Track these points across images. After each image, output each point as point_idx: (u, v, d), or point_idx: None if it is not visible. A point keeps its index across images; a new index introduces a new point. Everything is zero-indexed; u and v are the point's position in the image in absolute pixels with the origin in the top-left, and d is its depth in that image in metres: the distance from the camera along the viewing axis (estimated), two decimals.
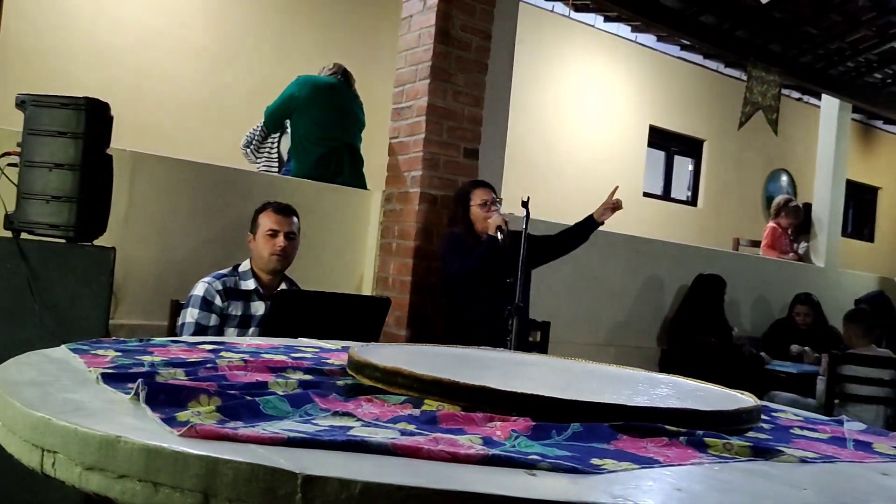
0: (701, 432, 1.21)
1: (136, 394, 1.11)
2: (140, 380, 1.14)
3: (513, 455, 0.99)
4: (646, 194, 8.33)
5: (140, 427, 0.97)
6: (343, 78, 4.34)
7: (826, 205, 6.72)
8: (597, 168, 7.79)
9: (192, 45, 6.00)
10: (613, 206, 3.61)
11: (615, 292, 5.21)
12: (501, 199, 3.73)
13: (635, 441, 1.16)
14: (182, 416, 1.01)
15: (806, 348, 5.46)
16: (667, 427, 1.21)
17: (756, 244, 7.02)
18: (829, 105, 6.71)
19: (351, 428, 1.07)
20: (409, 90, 3.96)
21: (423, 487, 0.83)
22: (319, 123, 4.19)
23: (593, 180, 7.49)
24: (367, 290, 4.09)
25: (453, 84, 3.90)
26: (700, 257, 5.74)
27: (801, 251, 6.66)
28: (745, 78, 5.83)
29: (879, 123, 9.31)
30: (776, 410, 1.70)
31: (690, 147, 8.76)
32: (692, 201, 8.82)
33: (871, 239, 10.52)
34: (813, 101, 7.76)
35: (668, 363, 5.25)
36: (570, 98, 7.77)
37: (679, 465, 1.07)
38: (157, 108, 5.79)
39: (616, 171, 7.93)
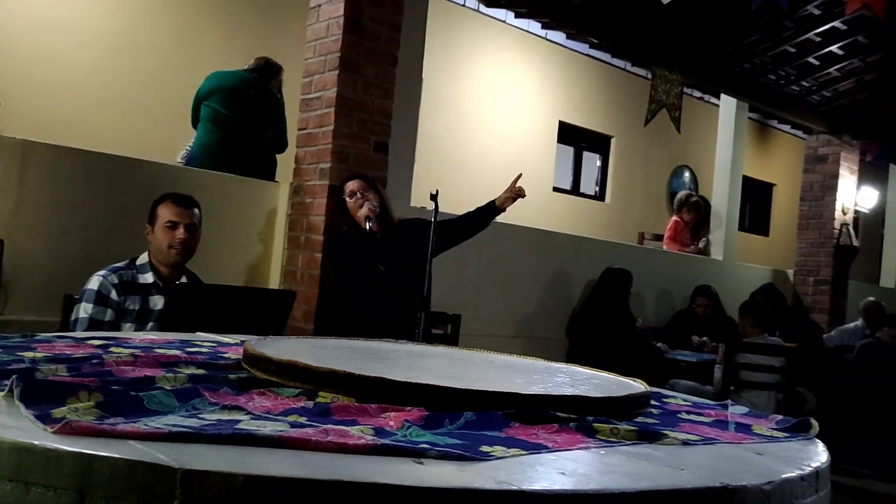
0: (591, 418, 1.24)
1: (11, 390, 1.06)
2: (14, 376, 1.09)
3: (402, 444, 0.99)
4: (556, 189, 8.49)
5: (12, 425, 0.92)
6: (258, 72, 4.31)
7: (724, 200, 7.01)
8: (508, 163, 7.88)
9: (91, 31, 5.75)
10: (516, 193, 3.64)
11: (525, 285, 5.29)
12: (378, 188, 3.63)
13: (527, 428, 1.19)
14: (58, 412, 0.97)
15: (704, 338, 5.68)
16: (558, 414, 1.24)
17: (660, 238, 7.28)
18: (728, 104, 7.00)
19: (239, 422, 1.05)
20: (318, 81, 3.91)
21: (307, 479, 0.82)
22: (219, 114, 4.13)
23: (505, 175, 7.50)
24: (274, 284, 4.02)
25: (363, 76, 3.87)
26: (607, 251, 5.90)
27: (701, 245, 6.93)
28: (650, 76, 6.01)
29: (775, 123, 9.72)
30: (667, 396, 1.77)
31: (599, 143, 8.98)
32: (600, 196, 9.04)
33: (766, 233, 11.03)
34: (713, 100, 8.06)
35: (576, 354, 5.38)
36: (481, 93, 7.84)
37: (567, 450, 1.09)
38: (54, 95, 5.52)
39: (527, 166, 8.01)
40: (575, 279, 5.64)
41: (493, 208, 3.70)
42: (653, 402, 1.63)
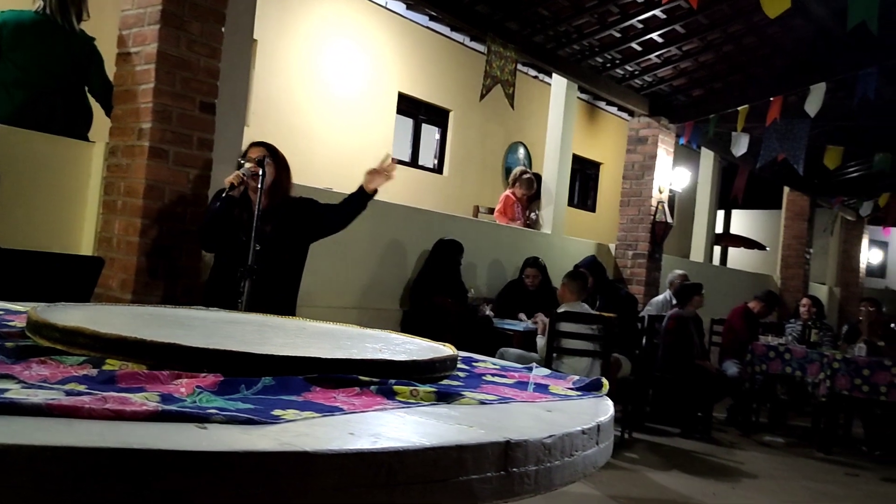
0: (392, 381, 1.26)
1: None
2: None
3: (187, 410, 0.96)
4: (394, 160, 8.49)
5: None
6: (52, 12, 3.80)
7: (554, 177, 7.32)
8: (347, 132, 7.81)
9: None
10: (382, 172, 3.60)
11: (361, 256, 5.29)
12: (280, 160, 3.55)
13: (327, 392, 1.18)
14: None
15: (520, 315, 5.93)
16: (359, 378, 1.24)
17: (493, 211, 7.48)
18: (559, 84, 7.29)
19: (7, 391, 0.97)
20: (137, 35, 3.66)
21: (71, 447, 0.77)
22: (20, 65, 3.70)
23: (343, 144, 7.52)
24: (87, 251, 3.76)
25: (187, 32, 3.67)
26: (442, 223, 6.00)
27: (532, 216, 7.20)
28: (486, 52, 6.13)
29: (603, 104, 10.27)
30: (478, 361, 1.83)
31: (438, 116, 9.09)
32: (438, 169, 9.17)
33: (593, 209, 11.67)
34: (547, 79, 8.36)
35: (409, 324, 5.45)
36: (319, 59, 7.68)
37: (362, 411, 1.10)
38: None
39: (366, 136, 8.02)
40: (410, 250, 5.70)
41: (363, 194, 3.62)
42: (463, 366, 1.68)
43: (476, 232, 6.38)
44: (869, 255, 15.28)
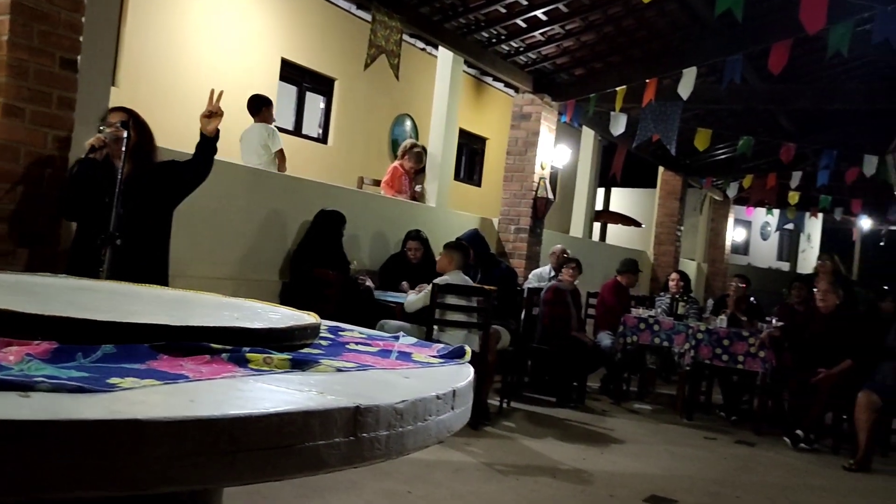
0: (246, 349, 1.22)
1: None
2: None
3: (11, 378, 0.90)
4: (277, 129, 8.27)
5: None
6: None
7: (439, 150, 7.34)
8: (225, 98, 7.50)
9: None
10: (210, 111, 3.51)
11: (238, 226, 5.14)
12: (141, 125, 3.41)
13: (174, 360, 1.14)
14: None
15: (403, 285, 5.96)
16: (211, 345, 1.20)
17: (378, 183, 7.44)
18: (445, 57, 7.29)
19: None
20: None
21: None
22: None
23: (224, 108, 7.22)
24: None
25: None
26: (324, 193, 5.91)
27: (417, 189, 7.22)
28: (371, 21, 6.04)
29: (490, 80, 10.33)
30: (344, 330, 1.81)
31: (322, 84, 8.91)
32: (323, 139, 9.01)
33: (479, 184, 11.80)
34: (434, 51, 8.34)
35: (289, 295, 5.36)
36: (197, 19, 7.35)
37: (209, 379, 1.07)
38: None
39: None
40: (291, 221, 5.58)
41: (204, 139, 3.53)
42: (328, 335, 1.66)
43: (360, 203, 6.33)
44: (734, 234, 16.22)
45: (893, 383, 5.54)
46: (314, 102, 9.00)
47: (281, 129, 8.37)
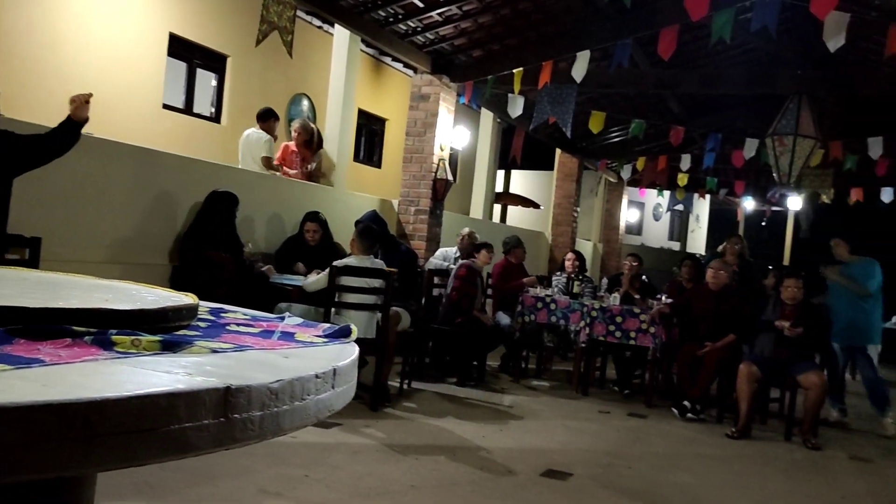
0: (113, 331, 1.16)
1: None
2: None
3: None
4: (166, 107, 7.96)
5: None
6: None
7: (337, 130, 7.23)
8: (109, 73, 7.16)
9: None
10: (83, 99, 3.35)
11: (121, 207, 4.91)
12: None
13: (31, 344, 1.06)
14: None
15: (298, 266, 5.87)
16: (73, 328, 1.13)
17: (268, 162, 7.19)
18: (342, 35, 7.16)
19: None
20: None
21: None
22: None
23: (105, 85, 6.87)
24: None
25: None
26: (217, 174, 5.72)
27: (310, 167, 7.10)
28: None
29: (389, 60, 10.26)
30: (227, 311, 1.75)
31: (214, 61, 8.59)
32: (216, 118, 8.71)
33: (379, 165, 11.71)
34: (330, 29, 8.18)
35: (179, 279, 5.17)
36: None
37: (68, 363, 1.00)
38: None
39: (132, 80, 7.41)
40: (181, 202, 5.38)
41: (70, 123, 3.37)
42: (208, 316, 1.60)
43: (255, 184, 6.16)
44: (628, 215, 16.76)
45: (772, 355, 5.86)
46: (206, 80, 8.67)
47: (171, 108, 8.09)
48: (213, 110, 8.73)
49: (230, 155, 7.50)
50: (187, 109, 8.39)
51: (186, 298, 1.52)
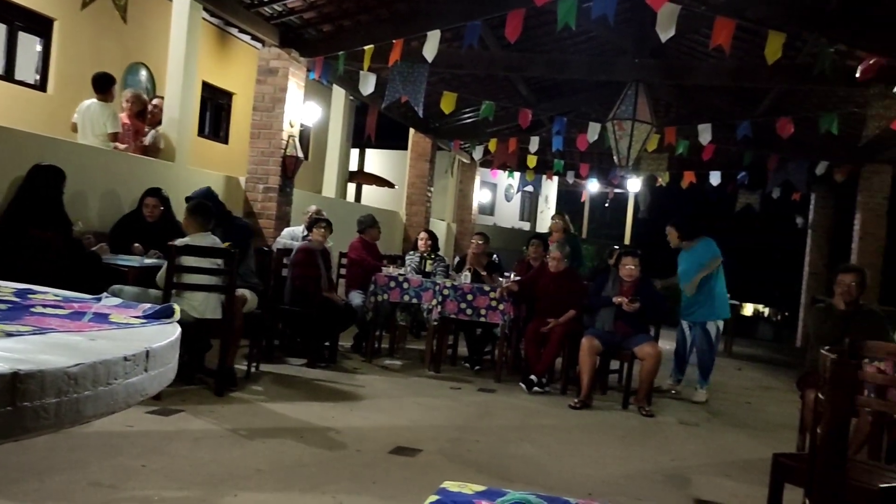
0: None
1: None
2: None
3: None
4: None
5: None
6: None
7: (178, 103, 6.85)
8: None
9: None
10: None
11: None
12: None
13: None
14: None
15: (135, 246, 5.56)
16: None
17: (114, 137, 6.71)
18: (181, 3, 6.76)
19: None
20: None
21: None
22: None
23: None
24: None
25: None
26: (42, 147, 5.28)
27: (147, 141, 6.71)
28: None
29: (236, 31, 9.83)
30: (36, 293, 1.60)
31: (38, 24, 7.88)
32: (41, 86, 8.02)
33: (225, 141, 11.24)
34: None
35: (1, 260, 4.73)
36: None
37: None
38: None
39: None
40: (0, 177, 4.92)
41: None
42: (13, 298, 1.45)
43: (87, 158, 5.74)
44: (480, 195, 17.11)
45: (611, 329, 6.17)
46: (29, 44, 7.96)
47: None
48: (38, 77, 8.03)
49: (59, 126, 6.94)
50: (8, 76, 7.66)
51: None
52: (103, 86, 6.46)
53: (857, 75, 6.59)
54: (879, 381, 3.42)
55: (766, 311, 37.71)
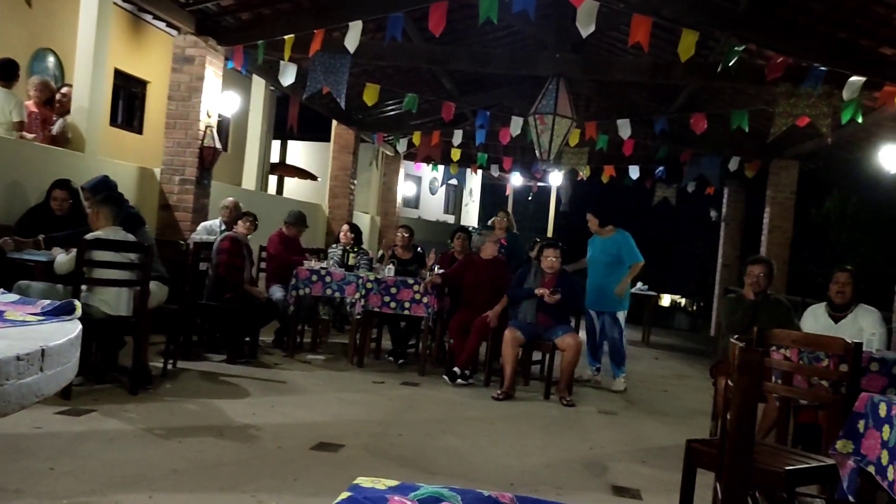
0: None
1: None
2: None
3: None
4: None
5: None
6: None
7: (87, 91, 6.58)
8: None
9: None
10: None
11: None
12: None
13: None
14: None
15: (39, 238, 5.31)
16: None
17: (20, 126, 6.39)
18: None
19: None
20: None
21: None
22: None
23: None
24: None
25: None
26: None
27: (55, 132, 6.43)
28: None
29: (150, 17, 9.48)
30: None
31: None
32: None
33: (140, 131, 10.85)
34: None
35: None
36: None
37: None
38: None
39: None
40: None
41: None
42: None
43: None
44: (405, 188, 17.08)
45: (533, 320, 6.25)
46: None
47: None
48: None
49: None
50: None
51: None
52: (7, 73, 6.17)
53: (766, 74, 6.86)
54: (785, 367, 3.58)
55: (683, 301, 39.03)
